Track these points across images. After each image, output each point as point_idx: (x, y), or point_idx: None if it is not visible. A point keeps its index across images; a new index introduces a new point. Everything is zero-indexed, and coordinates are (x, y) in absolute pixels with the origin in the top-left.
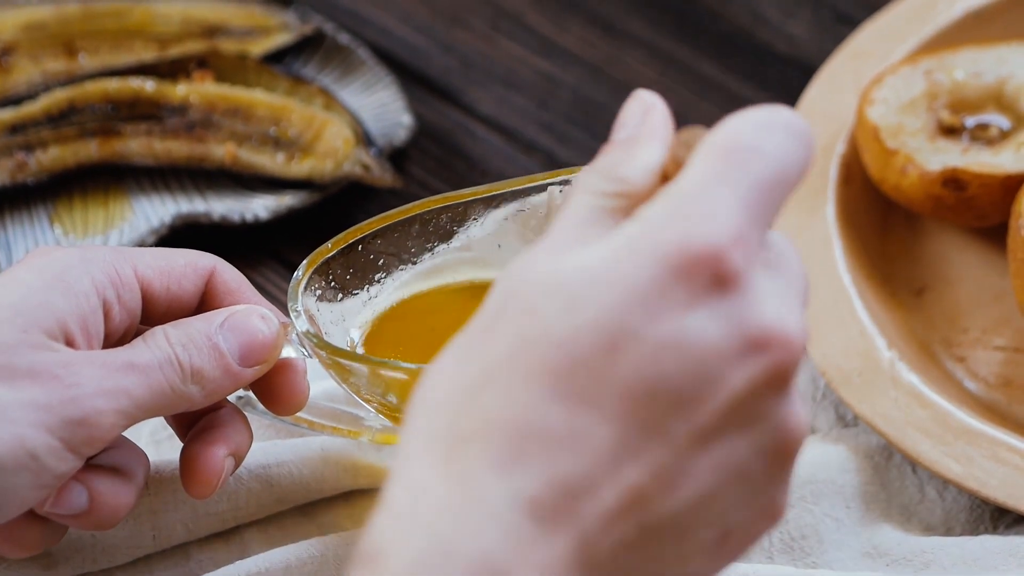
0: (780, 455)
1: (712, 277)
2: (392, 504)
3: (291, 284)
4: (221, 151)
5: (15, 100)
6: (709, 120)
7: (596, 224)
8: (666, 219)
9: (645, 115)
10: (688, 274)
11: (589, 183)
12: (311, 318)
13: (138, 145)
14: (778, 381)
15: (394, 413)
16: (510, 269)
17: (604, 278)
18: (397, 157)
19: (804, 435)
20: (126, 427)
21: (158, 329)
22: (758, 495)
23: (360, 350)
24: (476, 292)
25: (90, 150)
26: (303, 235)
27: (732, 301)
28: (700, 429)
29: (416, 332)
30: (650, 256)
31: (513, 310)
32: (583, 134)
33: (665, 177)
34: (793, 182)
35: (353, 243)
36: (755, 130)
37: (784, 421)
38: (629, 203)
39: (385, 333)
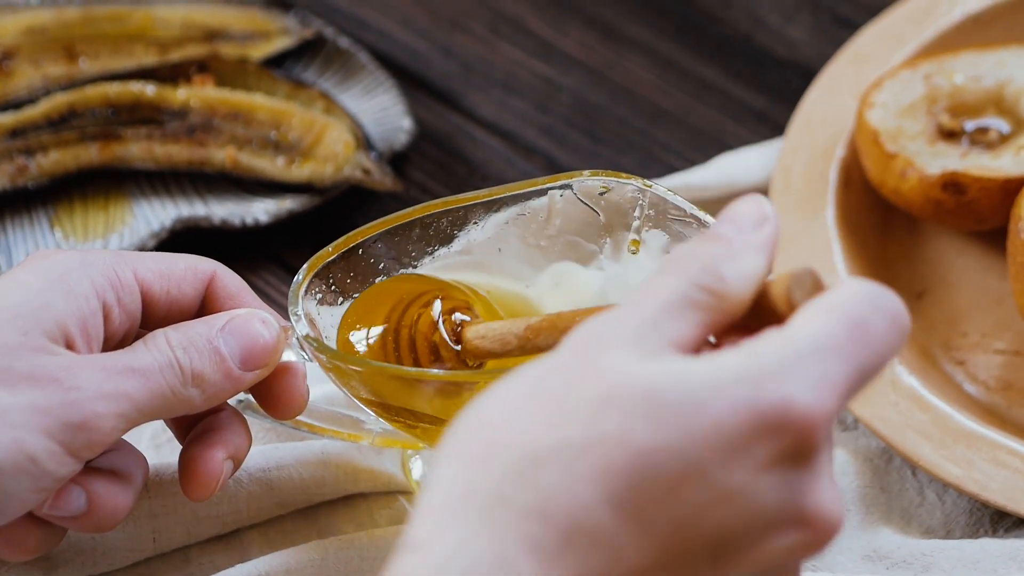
0: None
1: (795, 447)
2: (430, 550)
3: (291, 288)
4: (221, 155)
5: (16, 104)
6: (707, 122)
7: (684, 313)
8: (778, 370)
9: (761, 224)
10: (777, 435)
11: (687, 267)
12: (311, 322)
13: (139, 149)
14: (806, 556)
15: (393, 416)
16: (592, 333)
17: (700, 407)
18: (397, 161)
19: None
20: (126, 430)
21: (159, 332)
22: None
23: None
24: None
25: (91, 154)
26: (303, 239)
27: (802, 476)
28: None
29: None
30: (749, 403)
31: (597, 398)
32: (583, 137)
33: (765, 299)
34: (882, 371)
35: (353, 247)
36: (873, 311)
37: None
38: (719, 304)
39: (357, 320)
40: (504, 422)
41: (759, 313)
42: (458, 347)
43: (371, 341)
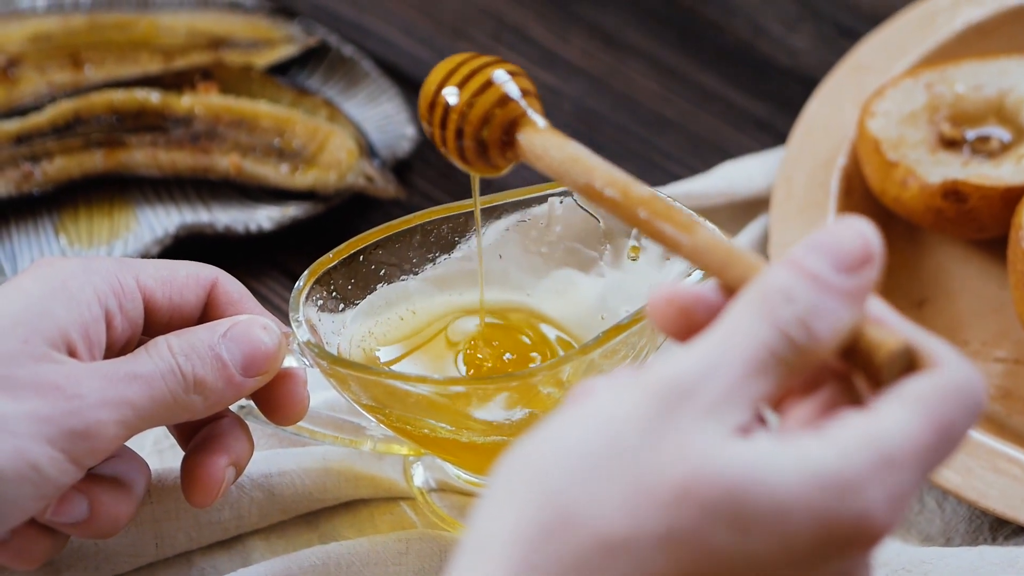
0: None
1: (860, 556)
2: None
3: (293, 294)
4: (225, 162)
5: (21, 111)
6: (709, 130)
7: (768, 371)
8: (861, 478)
9: (863, 265)
10: (847, 547)
11: (778, 313)
12: (312, 328)
13: (143, 156)
14: None
15: (394, 422)
16: (674, 390)
17: (783, 516)
18: (400, 168)
19: None
20: (128, 437)
21: (160, 339)
22: None
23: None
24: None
25: (95, 161)
26: (306, 246)
27: (855, 572)
28: None
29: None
30: (831, 516)
31: (677, 486)
32: (585, 145)
33: (851, 353)
34: None
35: (354, 253)
36: (962, 410)
37: None
38: (804, 362)
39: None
40: (578, 496)
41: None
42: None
43: None
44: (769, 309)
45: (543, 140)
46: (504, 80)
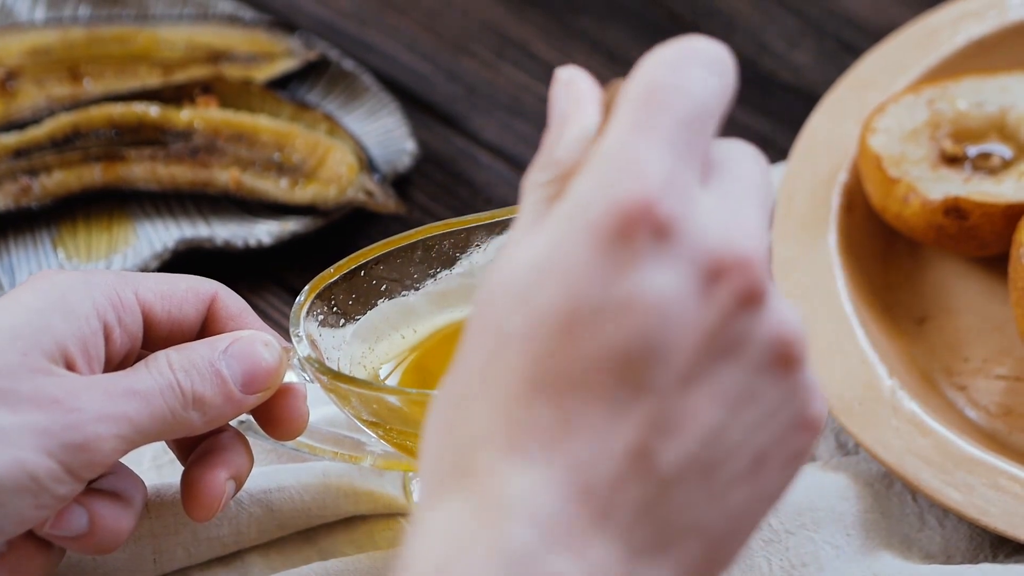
0: (780, 364)
1: (650, 230)
2: (414, 548)
3: (293, 309)
4: (225, 176)
5: (20, 124)
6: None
7: (542, 215)
8: (593, 187)
9: (566, 90)
10: (625, 235)
11: (530, 180)
12: (313, 343)
13: (142, 170)
14: (747, 300)
15: (395, 438)
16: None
17: (547, 264)
18: (400, 183)
19: (798, 334)
20: (126, 452)
21: (160, 354)
22: (777, 410)
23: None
24: None
25: (94, 175)
26: (306, 261)
27: (676, 244)
28: (682, 372)
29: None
30: (584, 230)
31: (481, 318)
32: None
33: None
34: (717, 110)
35: (355, 268)
36: (670, 69)
37: (770, 332)
38: (566, 184)
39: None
40: (439, 400)
41: None
42: None
43: None
44: (525, 186)
45: None
46: None
